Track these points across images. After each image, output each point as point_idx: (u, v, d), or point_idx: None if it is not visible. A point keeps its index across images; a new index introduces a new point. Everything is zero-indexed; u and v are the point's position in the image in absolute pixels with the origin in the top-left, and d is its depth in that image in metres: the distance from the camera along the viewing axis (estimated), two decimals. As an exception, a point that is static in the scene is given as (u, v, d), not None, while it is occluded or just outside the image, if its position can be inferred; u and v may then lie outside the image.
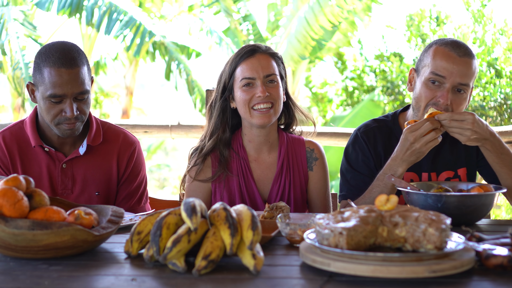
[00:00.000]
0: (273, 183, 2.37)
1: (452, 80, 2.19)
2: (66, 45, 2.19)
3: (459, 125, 2.09)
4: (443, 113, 2.13)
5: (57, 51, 2.15)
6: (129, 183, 2.40)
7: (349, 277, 1.37)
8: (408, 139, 2.10)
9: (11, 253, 1.53)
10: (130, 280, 1.37)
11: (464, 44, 2.27)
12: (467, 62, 2.21)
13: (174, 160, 14.65)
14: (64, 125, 2.19)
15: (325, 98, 9.64)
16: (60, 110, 2.17)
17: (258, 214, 1.99)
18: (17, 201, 1.52)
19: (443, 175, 2.32)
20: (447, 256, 1.40)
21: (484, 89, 7.76)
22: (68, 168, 2.30)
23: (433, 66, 2.22)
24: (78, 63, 2.16)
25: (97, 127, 2.36)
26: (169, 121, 4.24)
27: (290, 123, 2.47)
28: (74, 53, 2.17)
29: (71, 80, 2.14)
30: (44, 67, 2.14)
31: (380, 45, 8.85)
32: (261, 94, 2.25)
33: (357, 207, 1.53)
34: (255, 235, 1.46)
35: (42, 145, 2.28)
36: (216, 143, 2.35)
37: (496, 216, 7.17)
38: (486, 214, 2.03)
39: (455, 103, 2.20)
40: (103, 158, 2.35)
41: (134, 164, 2.41)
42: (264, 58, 2.31)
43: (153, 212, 1.63)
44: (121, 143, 2.39)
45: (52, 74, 2.13)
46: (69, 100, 2.15)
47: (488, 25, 8.24)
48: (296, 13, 8.13)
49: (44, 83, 2.15)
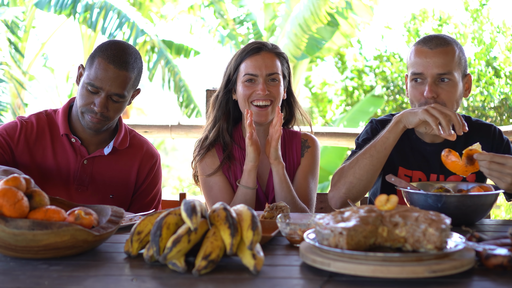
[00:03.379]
0: (270, 173, 2.42)
1: (430, 73, 2.21)
2: (128, 48, 2.24)
3: (500, 168, 1.96)
4: (484, 153, 1.99)
5: (115, 48, 2.21)
6: (146, 195, 2.43)
7: (349, 277, 1.37)
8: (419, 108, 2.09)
9: (11, 253, 1.53)
10: (130, 280, 1.37)
11: (439, 35, 2.30)
12: (441, 52, 2.22)
13: (174, 160, 14.64)
14: (88, 116, 2.23)
15: (325, 98, 9.65)
16: (92, 101, 2.21)
17: (258, 214, 1.99)
18: (17, 201, 1.52)
19: (451, 178, 2.30)
20: (447, 256, 1.40)
21: (484, 89, 7.77)
22: (89, 165, 2.32)
23: (411, 65, 2.27)
24: (128, 68, 2.21)
25: (125, 132, 2.41)
26: (169, 121, 4.25)
27: (289, 119, 2.53)
28: (129, 58, 2.22)
29: (114, 78, 2.18)
30: (98, 56, 2.20)
31: (380, 45, 8.87)
32: (261, 92, 2.33)
33: (357, 207, 1.53)
34: (255, 235, 1.46)
35: (69, 135, 2.31)
36: (219, 132, 2.42)
37: (496, 216, 7.17)
38: (486, 214, 2.03)
39: (442, 93, 2.22)
40: (125, 163, 2.38)
41: (153, 176, 2.44)
42: (269, 56, 2.37)
43: (153, 212, 1.63)
44: (144, 152, 2.43)
45: (100, 66, 2.18)
46: (104, 95, 2.20)
47: (485, 24, 8.25)
48: (290, 13, 8.14)
49: (90, 70, 2.20)
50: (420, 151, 2.33)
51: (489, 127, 2.40)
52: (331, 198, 2.23)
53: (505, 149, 2.34)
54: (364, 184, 2.16)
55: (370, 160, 2.14)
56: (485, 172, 2.01)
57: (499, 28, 8.16)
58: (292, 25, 7.82)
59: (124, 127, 2.41)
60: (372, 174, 2.16)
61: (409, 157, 2.33)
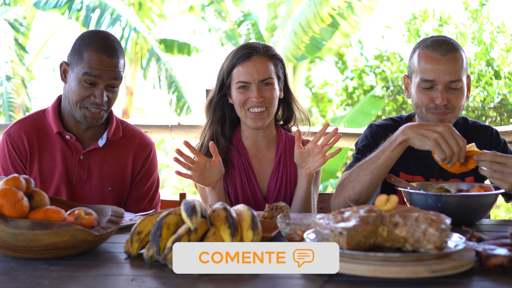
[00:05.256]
0: (270, 178, 2.39)
1: (442, 80, 2.18)
2: (110, 36, 2.27)
3: (502, 169, 1.94)
4: (484, 153, 1.97)
5: (101, 39, 2.22)
6: (143, 184, 2.43)
7: (349, 277, 1.37)
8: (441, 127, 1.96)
9: (11, 253, 1.53)
10: (130, 280, 1.37)
11: (446, 39, 2.25)
12: (452, 59, 2.19)
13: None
14: (89, 110, 2.24)
15: (325, 98, 9.64)
16: (90, 93, 2.23)
17: (258, 214, 1.99)
18: (17, 201, 1.52)
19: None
20: (447, 256, 1.40)
21: (483, 89, 7.77)
22: (85, 160, 2.33)
23: (420, 72, 2.22)
24: (118, 55, 2.24)
25: (117, 123, 2.41)
26: (169, 121, 4.25)
27: (289, 118, 2.49)
28: (116, 45, 2.25)
29: (109, 68, 2.21)
30: (85, 50, 2.21)
31: (380, 45, 8.86)
32: (255, 99, 2.28)
33: (357, 207, 1.53)
34: (255, 235, 1.46)
35: (62, 133, 2.31)
36: (212, 136, 2.39)
37: (496, 216, 7.17)
38: (486, 214, 2.03)
39: (453, 100, 2.20)
40: (120, 154, 2.38)
41: (149, 165, 2.44)
42: (260, 61, 2.31)
43: (153, 212, 1.63)
44: (138, 142, 2.43)
45: (93, 58, 2.20)
46: (102, 85, 2.22)
47: (485, 24, 8.25)
48: (291, 13, 8.14)
49: (82, 63, 2.20)
50: (419, 156, 2.33)
51: (486, 128, 2.40)
52: (333, 207, 2.21)
53: (502, 150, 2.34)
54: (364, 199, 2.13)
55: (371, 177, 2.09)
56: (486, 174, 1.98)
57: (499, 28, 8.16)
58: (293, 26, 7.82)
59: (115, 118, 2.41)
60: (372, 190, 2.12)
61: (410, 162, 2.33)
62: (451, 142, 1.95)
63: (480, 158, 1.97)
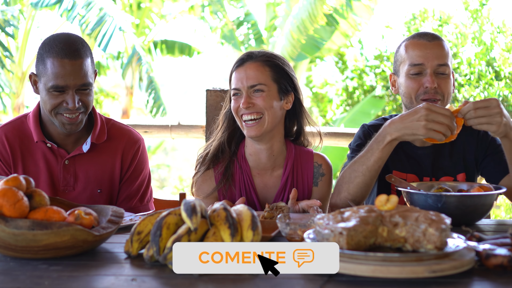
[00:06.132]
0: (275, 199, 2.29)
1: (431, 64, 2.24)
2: (71, 37, 2.18)
3: (487, 112, 1.94)
4: (464, 104, 1.97)
5: (61, 42, 2.13)
6: (132, 181, 2.36)
7: (349, 277, 1.37)
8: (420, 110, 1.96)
9: (11, 253, 1.53)
10: (130, 280, 1.37)
11: (430, 31, 2.36)
12: (438, 44, 2.28)
13: (174, 160, 14.64)
14: (65, 116, 2.16)
15: (325, 98, 9.65)
16: (62, 101, 2.15)
17: (258, 214, 1.99)
18: (17, 201, 1.52)
19: (442, 179, 2.31)
20: (447, 256, 1.40)
21: (484, 90, 7.76)
22: (71, 165, 2.27)
23: (409, 59, 2.27)
24: (82, 55, 2.14)
25: (101, 125, 2.33)
26: (169, 121, 4.25)
27: (298, 133, 2.36)
28: (78, 45, 2.15)
29: (74, 71, 2.12)
30: (47, 57, 2.13)
31: (380, 45, 8.87)
32: (242, 105, 2.19)
33: (357, 207, 1.53)
34: (255, 235, 1.46)
35: (44, 141, 2.26)
36: (219, 144, 2.31)
37: (496, 216, 7.17)
38: (486, 214, 2.03)
39: (442, 85, 2.25)
40: (107, 156, 2.32)
41: (137, 162, 2.37)
42: (252, 67, 2.20)
43: (153, 212, 1.63)
44: (126, 141, 2.36)
45: (55, 65, 2.11)
46: (71, 91, 2.13)
47: (485, 24, 8.25)
48: (290, 13, 8.13)
49: (46, 74, 2.13)
50: (411, 155, 2.33)
51: None
52: (332, 206, 2.20)
53: (490, 143, 2.34)
54: (360, 199, 2.14)
55: (363, 179, 2.09)
56: (473, 123, 1.97)
57: (500, 28, 8.16)
58: (291, 26, 7.82)
59: (99, 119, 2.33)
60: (366, 190, 2.13)
61: (403, 160, 2.33)
62: (438, 119, 1.95)
63: (464, 111, 1.97)
